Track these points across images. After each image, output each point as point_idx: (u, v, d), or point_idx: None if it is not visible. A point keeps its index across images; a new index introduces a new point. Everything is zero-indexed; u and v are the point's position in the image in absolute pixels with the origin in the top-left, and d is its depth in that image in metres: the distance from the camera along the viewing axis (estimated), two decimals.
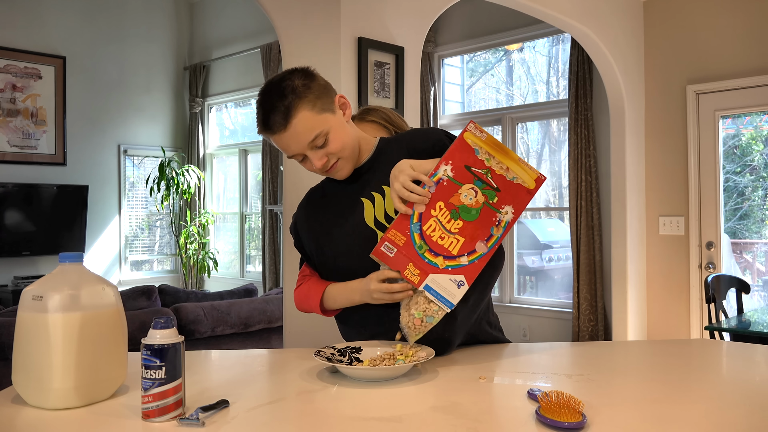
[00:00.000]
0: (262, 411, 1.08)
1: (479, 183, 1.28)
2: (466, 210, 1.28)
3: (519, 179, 1.30)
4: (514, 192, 1.29)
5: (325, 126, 1.38)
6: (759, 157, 4.36)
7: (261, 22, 6.47)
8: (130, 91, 6.86)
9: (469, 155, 1.29)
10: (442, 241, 1.28)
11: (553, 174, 5.41)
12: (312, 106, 1.37)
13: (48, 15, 6.25)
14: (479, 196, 1.28)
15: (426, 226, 1.28)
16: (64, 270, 1.13)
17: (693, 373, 1.35)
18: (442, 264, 1.27)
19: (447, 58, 5.87)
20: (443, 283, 1.27)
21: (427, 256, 1.28)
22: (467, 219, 1.28)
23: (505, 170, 1.29)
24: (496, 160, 1.29)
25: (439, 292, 1.27)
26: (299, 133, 1.36)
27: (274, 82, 1.39)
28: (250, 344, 3.84)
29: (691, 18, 4.43)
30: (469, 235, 1.28)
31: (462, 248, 1.28)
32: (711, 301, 3.45)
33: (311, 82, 1.39)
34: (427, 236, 1.28)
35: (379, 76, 2.97)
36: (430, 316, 1.31)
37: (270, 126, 1.37)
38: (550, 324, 5.12)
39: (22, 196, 5.98)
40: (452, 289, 1.27)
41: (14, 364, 1.13)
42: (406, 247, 1.28)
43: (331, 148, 1.40)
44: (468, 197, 1.28)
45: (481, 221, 1.28)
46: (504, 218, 1.29)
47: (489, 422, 1.01)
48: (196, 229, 6.87)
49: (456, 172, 1.28)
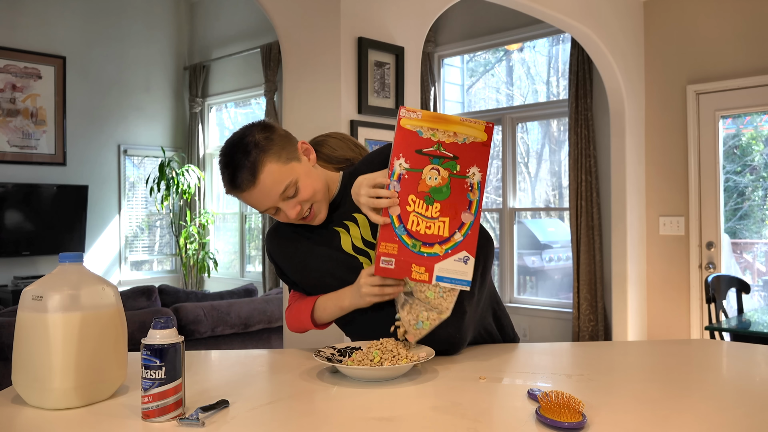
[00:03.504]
0: (262, 411, 1.08)
1: (436, 160, 1.27)
2: (437, 191, 1.27)
3: (470, 137, 1.28)
4: (471, 152, 1.28)
5: (293, 175, 1.37)
6: (759, 157, 4.36)
7: (261, 22, 6.47)
8: (129, 91, 6.86)
9: (414, 139, 1.28)
10: (429, 230, 1.28)
11: (553, 174, 5.41)
12: (278, 157, 1.35)
13: (48, 15, 6.25)
14: (443, 173, 1.28)
15: (409, 224, 1.28)
16: (64, 270, 1.13)
17: (693, 373, 1.35)
18: (440, 251, 1.28)
19: (447, 58, 5.87)
20: (451, 267, 1.28)
21: (424, 251, 1.28)
22: (442, 199, 1.27)
23: (454, 136, 1.28)
24: (441, 130, 1.28)
25: (451, 277, 1.28)
26: (268, 187, 1.35)
27: (235, 141, 1.36)
28: (250, 344, 3.84)
29: (691, 18, 4.43)
30: (451, 213, 1.28)
31: (451, 227, 1.28)
32: (711, 301, 3.45)
33: (272, 134, 1.38)
34: (414, 232, 1.28)
35: (379, 76, 2.97)
36: (422, 322, 1.32)
37: (238, 184, 1.35)
38: (550, 324, 5.12)
39: (22, 196, 5.98)
40: (461, 269, 1.28)
41: (14, 364, 1.13)
42: (402, 252, 1.28)
43: (303, 195, 1.39)
44: (433, 178, 1.27)
45: (455, 194, 1.28)
46: (474, 180, 1.28)
47: (489, 422, 1.01)
48: (196, 229, 6.87)
49: (411, 161, 1.28)
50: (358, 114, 2.88)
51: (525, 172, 5.55)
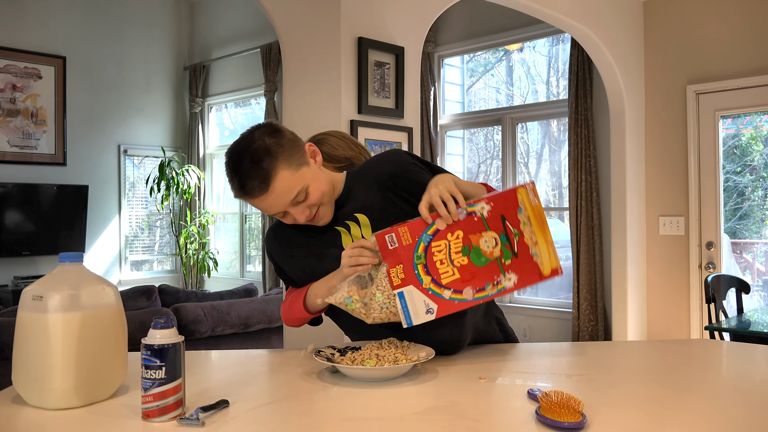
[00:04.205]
0: (262, 411, 1.08)
1: (504, 237, 1.27)
2: (477, 253, 1.26)
3: (539, 258, 1.28)
4: (528, 266, 1.27)
5: (304, 182, 1.37)
6: (759, 157, 4.36)
7: (261, 22, 6.47)
8: (130, 91, 6.86)
9: (511, 208, 1.28)
10: (440, 265, 1.26)
11: (553, 174, 5.41)
12: (288, 164, 1.34)
13: (48, 15, 6.25)
14: (496, 250, 1.26)
15: (436, 243, 1.26)
16: (64, 270, 1.13)
17: (693, 373, 1.35)
18: (426, 284, 1.26)
19: (447, 58, 5.87)
20: (417, 300, 1.26)
21: (419, 269, 1.26)
22: (474, 262, 1.26)
23: (533, 243, 1.28)
24: (530, 228, 1.28)
25: (408, 305, 1.26)
26: (280, 194, 1.34)
27: (244, 146, 1.35)
28: (250, 344, 3.84)
29: (691, 18, 4.43)
30: (466, 276, 1.26)
31: (452, 283, 1.26)
32: (711, 301, 3.45)
33: (281, 139, 1.36)
34: (431, 253, 1.26)
35: (379, 76, 2.97)
36: (352, 301, 1.30)
37: (249, 191, 1.34)
38: (550, 324, 5.12)
39: (22, 196, 5.98)
40: (420, 311, 1.26)
41: (14, 364, 1.13)
42: (407, 249, 1.27)
43: (312, 200, 1.38)
44: (487, 244, 1.26)
45: (484, 271, 1.26)
46: (504, 283, 1.27)
47: (489, 422, 1.01)
48: (196, 229, 6.87)
49: (491, 216, 1.27)
50: (358, 114, 2.88)
51: (525, 172, 5.55)
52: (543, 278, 1.28)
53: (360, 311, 1.32)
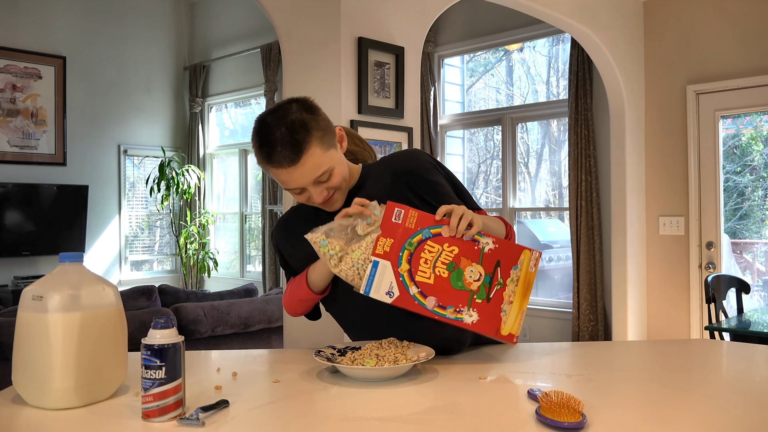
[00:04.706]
0: (262, 411, 1.08)
1: (488, 279, 1.30)
2: (459, 275, 1.29)
3: (506, 316, 1.31)
4: (492, 316, 1.30)
5: (331, 162, 1.38)
6: (759, 157, 4.36)
7: (261, 22, 6.47)
8: (130, 91, 6.86)
9: (509, 260, 1.31)
10: (423, 264, 1.29)
11: (553, 174, 5.41)
12: (321, 143, 1.35)
13: (48, 15, 6.25)
14: (475, 284, 1.30)
15: (432, 243, 1.29)
16: (64, 270, 1.13)
17: (693, 373, 1.35)
18: (402, 270, 1.28)
19: (447, 58, 5.87)
20: (386, 277, 1.28)
21: (404, 254, 1.28)
22: (451, 281, 1.29)
23: (509, 301, 1.31)
24: (514, 287, 1.31)
25: (375, 276, 1.28)
26: (308, 169, 1.34)
27: (280, 114, 1.35)
28: (250, 344, 3.84)
29: (691, 18, 4.43)
30: (437, 288, 1.29)
31: (423, 285, 1.28)
32: (711, 301, 3.45)
33: (317, 117, 1.38)
34: (422, 248, 1.29)
35: (379, 76, 2.97)
36: (331, 251, 1.32)
37: (277, 160, 1.33)
38: (550, 324, 5.12)
39: (22, 196, 5.98)
40: (382, 288, 1.28)
41: (14, 364, 1.13)
42: (405, 231, 1.29)
43: (333, 182, 1.39)
44: (471, 274, 1.29)
45: (454, 294, 1.29)
46: (464, 315, 1.29)
47: (489, 422, 1.01)
48: (196, 229, 6.87)
49: (489, 254, 1.30)
50: (358, 114, 2.88)
51: (525, 172, 5.55)
52: (498, 335, 1.30)
53: (329, 258, 1.33)
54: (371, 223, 1.32)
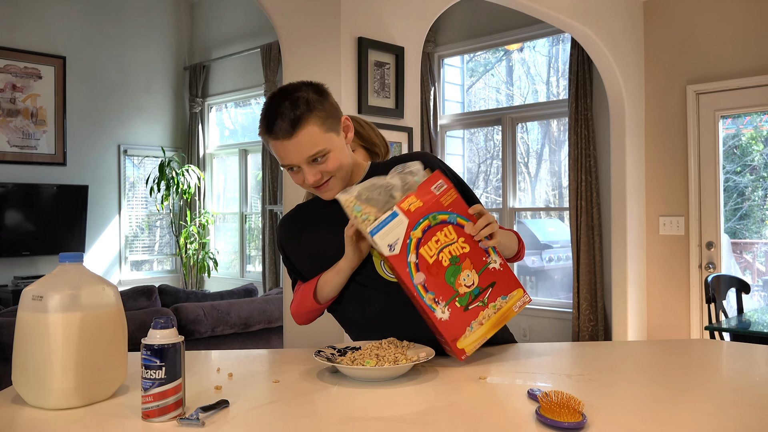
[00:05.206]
0: (262, 411, 1.08)
1: (476, 291, 1.32)
2: (454, 272, 1.31)
3: (469, 334, 1.31)
4: (458, 325, 1.30)
5: (328, 145, 1.39)
6: (759, 157, 4.36)
7: (261, 22, 6.47)
8: (130, 91, 6.86)
9: (502, 288, 1.34)
10: (434, 243, 1.30)
11: (553, 174, 5.41)
12: (321, 123, 1.37)
13: (48, 15, 6.25)
14: (463, 288, 1.31)
15: (451, 230, 1.31)
16: (64, 270, 1.13)
17: (693, 373, 1.35)
18: (413, 236, 1.29)
19: (447, 58, 5.87)
20: (396, 232, 1.29)
21: (422, 224, 1.30)
22: (447, 272, 1.30)
23: (480, 322, 1.31)
24: (491, 313, 1.32)
25: (387, 225, 1.29)
26: (302, 145, 1.36)
27: (288, 91, 1.39)
28: (250, 344, 3.84)
29: (691, 18, 4.43)
30: (430, 269, 1.30)
31: (422, 260, 1.29)
32: (711, 301, 3.45)
33: (325, 100, 1.40)
34: (440, 228, 1.31)
35: (379, 76, 2.97)
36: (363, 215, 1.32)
37: (274, 131, 1.36)
38: (550, 324, 5.12)
39: (22, 196, 5.98)
40: (388, 239, 1.28)
41: (14, 364, 1.12)
42: (436, 205, 1.31)
43: (328, 166, 1.40)
44: (465, 278, 1.32)
45: (442, 285, 1.30)
46: (438, 308, 1.29)
47: (489, 422, 1.01)
48: (196, 229, 6.87)
49: (489, 272, 1.33)
50: (358, 114, 2.88)
51: (525, 172, 5.55)
52: (453, 344, 1.30)
53: (361, 222, 1.33)
54: (410, 189, 1.33)
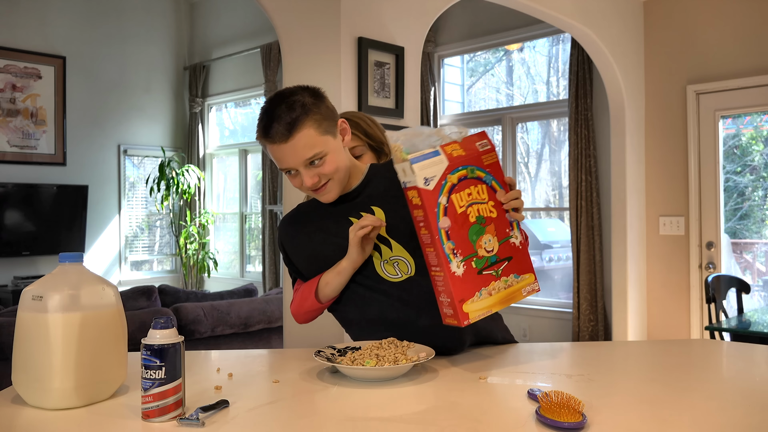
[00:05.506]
0: (262, 411, 1.08)
1: (493, 259, 1.31)
2: (477, 231, 1.30)
3: (476, 300, 1.29)
4: (468, 286, 1.27)
5: (324, 147, 1.40)
6: (759, 157, 4.36)
7: (261, 22, 6.47)
8: (130, 91, 6.86)
9: (516, 266, 1.34)
10: (465, 194, 1.30)
11: (553, 174, 5.41)
12: (317, 125, 1.38)
13: (48, 15, 6.25)
14: (481, 251, 1.30)
15: (483, 189, 1.31)
16: (64, 270, 1.13)
17: (693, 373, 1.35)
18: (448, 181, 1.28)
19: (447, 58, 5.87)
20: (435, 169, 1.27)
21: (459, 173, 1.29)
22: (470, 228, 1.29)
23: (488, 293, 1.30)
24: (501, 287, 1.32)
25: (427, 159, 1.27)
26: (298, 149, 1.37)
27: (285, 95, 1.40)
28: (250, 344, 3.84)
29: (691, 18, 4.43)
30: (456, 219, 1.28)
31: (450, 206, 1.28)
32: (711, 301, 3.45)
33: (320, 103, 1.42)
34: (474, 182, 1.30)
35: (379, 76, 2.97)
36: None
37: (271, 135, 1.37)
38: (550, 324, 5.12)
39: (22, 196, 5.98)
40: (426, 172, 1.26)
41: (14, 364, 1.12)
42: (476, 160, 1.31)
43: (325, 169, 1.41)
44: (486, 241, 1.31)
45: (462, 238, 1.28)
46: (453, 263, 1.27)
47: (489, 422, 1.01)
48: (196, 229, 6.87)
49: (509, 246, 1.33)
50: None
51: (525, 172, 5.55)
52: (458, 305, 1.26)
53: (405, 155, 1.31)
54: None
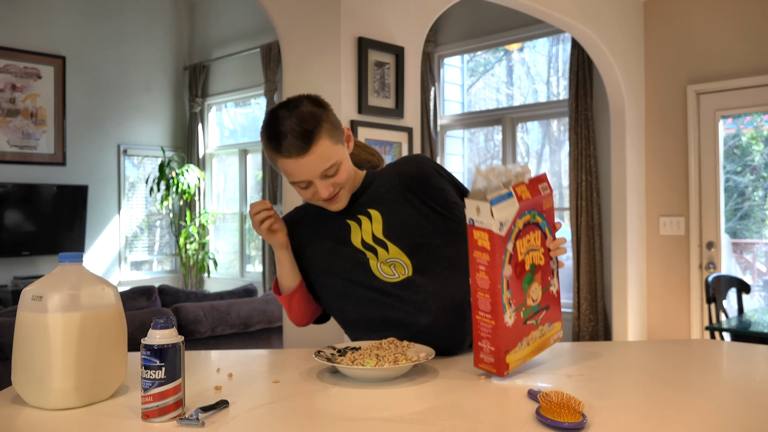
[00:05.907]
0: (262, 411, 1.08)
1: (536, 308, 1.29)
2: (529, 280, 1.27)
3: (518, 350, 1.26)
4: (514, 337, 1.24)
5: (339, 157, 1.40)
6: (759, 157, 4.36)
7: (261, 22, 6.47)
8: (130, 91, 6.86)
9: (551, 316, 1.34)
10: (525, 240, 1.25)
11: (553, 174, 5.40)
12: (330, 135, 1.38)
13: (48, 15, 6.25)
14: (530, 300, 1.27)
15: (537, 235, 1.28)
16: (63, 270, 1.13)
17: (693, 373, 1.35)
18: (516, 227, 1.23)
19: (447, 58, 5.87)
20: (509, 213, 1.21)
21: (525, 218, 1.25)
22: (526, 277, 1.26)
23: (527, 343, 1.28)
24: (537, 336, 1.30)
25: (505, 201, 1.21)
26: (316, 160, 1.36)
27: (290, 107, 1.37)
28: (250, 344, 3.84)
29: (691, 18, 4.43)
30: (515, 267, 1.24)
31: (514, 253, 1.24)
32: (711, 301, 3.45)
33: (327, 111, 1.41)
34: (534, 229, 1.27)
35: (379, 76, 2.97)
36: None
37: (287, 149, 1.34)
38: None
39: (22, 196, 5.97)
40: (503, 215, 1.20)
41: (14, 364, 1.12)
42: (536, 204, 1.27)
43: (339, 178, 1.41)
44: (534, 291, 1.28)
45: (517, 287, 1.24)
46: (507, 309, 1.23)
47: (489, 422, 1.01)
48: (196, 229, 6.87)
49: (549, 295, 1.32)
50: (358, 114, 2.88)
51: None
52: (502, 355, 1.22)
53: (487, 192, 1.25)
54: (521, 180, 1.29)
